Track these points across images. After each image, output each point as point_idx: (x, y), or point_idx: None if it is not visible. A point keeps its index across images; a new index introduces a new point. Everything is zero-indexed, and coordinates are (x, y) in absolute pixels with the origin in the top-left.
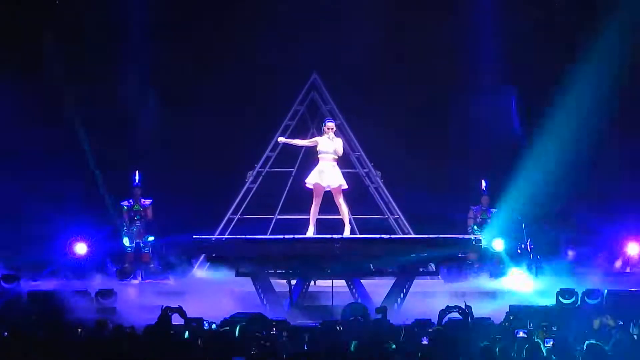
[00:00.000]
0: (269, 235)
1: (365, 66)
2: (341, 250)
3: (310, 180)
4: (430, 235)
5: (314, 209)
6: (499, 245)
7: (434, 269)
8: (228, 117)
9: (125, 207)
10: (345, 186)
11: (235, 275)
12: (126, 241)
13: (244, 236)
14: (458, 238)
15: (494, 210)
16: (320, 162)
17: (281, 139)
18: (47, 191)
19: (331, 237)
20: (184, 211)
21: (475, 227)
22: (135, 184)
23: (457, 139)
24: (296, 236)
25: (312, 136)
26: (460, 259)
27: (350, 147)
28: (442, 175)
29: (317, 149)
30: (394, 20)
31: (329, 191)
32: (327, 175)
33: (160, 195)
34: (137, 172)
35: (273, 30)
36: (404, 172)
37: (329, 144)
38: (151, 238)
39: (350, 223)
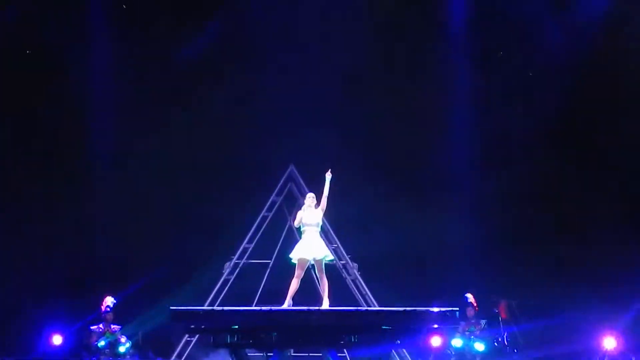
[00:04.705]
0: None
1: (343, 157)
2: (318, 322)
3: (296, 255)
4: (407, 308)
5: (295, 282)
6: (479, 346)
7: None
8: (206, 208)
9: (96, 333)
10: (331, 256)
11: (214, 346)
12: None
13: (222, 307)
14: (433, 311)
15: (483, 322)
16: (304, 235)
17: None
18: (27, 285)
19: (308, 309)
20: (160, 303)
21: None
22: (106, 309)
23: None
24: (274, 308)
25: (290, 227)
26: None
27: (327, 239)
28: (424, 271)
29: (302, 222)
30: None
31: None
32: (313, 247)
33: (138, 285)
34: (109, 297)
35: (251, 124)
36: (382, 264)
37: (313, 215)
38: (128, 345)
39: None
